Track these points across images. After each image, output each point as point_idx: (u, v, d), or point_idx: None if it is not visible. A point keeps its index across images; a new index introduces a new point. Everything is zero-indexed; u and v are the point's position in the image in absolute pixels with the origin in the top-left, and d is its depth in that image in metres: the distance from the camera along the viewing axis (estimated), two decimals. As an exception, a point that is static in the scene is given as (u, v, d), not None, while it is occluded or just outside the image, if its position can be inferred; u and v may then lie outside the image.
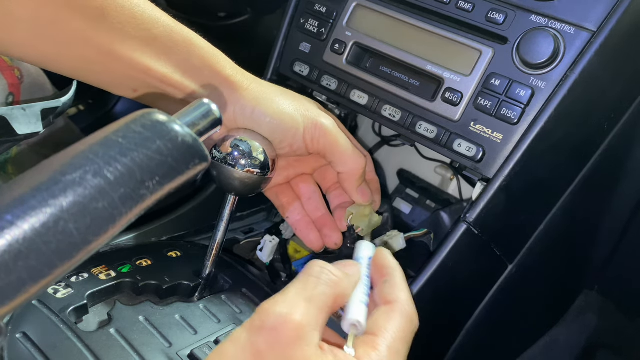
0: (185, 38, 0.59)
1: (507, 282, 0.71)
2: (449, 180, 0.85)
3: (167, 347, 0.55)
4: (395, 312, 0.45)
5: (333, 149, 0.63)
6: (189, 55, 0.59)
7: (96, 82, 0.60)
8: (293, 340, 0.39)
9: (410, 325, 0.45)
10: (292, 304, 0.40)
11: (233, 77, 0.61)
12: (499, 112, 0.62)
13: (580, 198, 0.71)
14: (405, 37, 0.69)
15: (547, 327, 0.95)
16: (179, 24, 0.60)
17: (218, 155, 0.60)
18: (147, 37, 0.57)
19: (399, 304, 0.45)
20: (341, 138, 0.64)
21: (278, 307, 0.40)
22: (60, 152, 0.35)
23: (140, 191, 0.35)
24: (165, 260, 0.67)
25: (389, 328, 0.44)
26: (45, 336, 0.53)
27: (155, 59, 0.57)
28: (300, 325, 0.39)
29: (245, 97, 0.61)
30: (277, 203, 0.71)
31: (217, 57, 0.61)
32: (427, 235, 0.76)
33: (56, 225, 0.31)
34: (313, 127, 0.62)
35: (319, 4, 0.75)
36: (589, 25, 0.60)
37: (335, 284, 0.43)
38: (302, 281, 0.43)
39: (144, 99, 0.61)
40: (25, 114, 0.66)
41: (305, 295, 0.41)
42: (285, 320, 0.39)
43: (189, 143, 0.37)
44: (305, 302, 0.41)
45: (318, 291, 0.42)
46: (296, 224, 0.70)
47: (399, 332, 0.44)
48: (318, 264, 0.44)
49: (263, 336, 0.39)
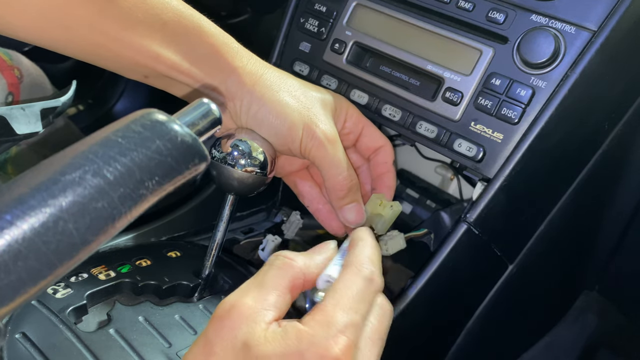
0: (195, 24, 0.58)
1: (507, 282, 0.71)
2: (449, 180, 0.85)
3: (166, 347, 0.55)
4: (346, 272, 0.44)
5: (321, 162, 0.62)
6: (198, 42, 0.58)
7: (107, 67, 0.60)
8: (239, 321, 0.39)
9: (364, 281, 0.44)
10: (243, 290, 0.42)
11: (243, 68, 0.60)
12: (499, 112, 0.62)
13: (581, 198, 0.71)
14: (405, 37, 0.69)
15: (547, 327, 0.95)
16: (189, 9, 0.59)
17: (217, 155, 0.60)
18: (156, 22, 0.56)
19: (351, 264, 0.45)
20: (332, 150, 0.61)
21: (231, 296, 0.41)
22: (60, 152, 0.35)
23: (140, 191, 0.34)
24: (165, 261, 0.67)
25: (338, 287, 0.43)
26: (45, 336, 0.52)
27: (164, 46, 0.57)
28: (249, 307, 0.40)
29: (253, 93, 0.60)
30: (296, 191, 0.70)
31: (228, 45, 0.60)
32: (427, 235, 0.76)
33: (55, 225, 0.31)
34: (309, 137, 0.60)
35: (319, 4, 0.75)
36: (590, 24, 0.60)
37: (290, 265, 0.44)
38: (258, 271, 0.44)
39: (156, 84, 0.61)
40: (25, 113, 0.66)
41: (257, 281, 0.43)
42: (232, 306, 0.40)
43: (189, 143, 0.37)
44: (256, 286, 0.42)
45: (269, 275, 0.43)
46: (317, 212, 0.70)
47: (348, 289, 0.43)
48: (274, 255, 0.45)
49: (211, 326, 0.40)
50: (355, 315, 0.41)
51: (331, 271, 0.45)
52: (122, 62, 0.58)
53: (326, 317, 0.40)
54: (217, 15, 0.64)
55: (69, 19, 0.54)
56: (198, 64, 0.59)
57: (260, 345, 0.38)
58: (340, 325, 0.40)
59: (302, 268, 0.44)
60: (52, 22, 0.54)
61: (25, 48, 0.91)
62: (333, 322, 0.40)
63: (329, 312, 0.41)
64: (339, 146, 0.62)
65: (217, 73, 0.60)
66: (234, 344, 0.39)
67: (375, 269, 0.45)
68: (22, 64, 0.82)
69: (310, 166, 0.70)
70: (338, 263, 0.46)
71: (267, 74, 0.62)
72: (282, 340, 0.39)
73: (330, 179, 0.63)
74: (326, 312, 0.41)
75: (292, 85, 0.62)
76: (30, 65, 0.84)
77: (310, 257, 0.46)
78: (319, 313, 0.41)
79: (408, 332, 0.64)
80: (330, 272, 0.45)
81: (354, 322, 0.41)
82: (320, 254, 0.47)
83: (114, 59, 0.58)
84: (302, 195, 0.70)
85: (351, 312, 0.41)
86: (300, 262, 0.44)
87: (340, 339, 0.39)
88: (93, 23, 0.54)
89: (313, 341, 0.39)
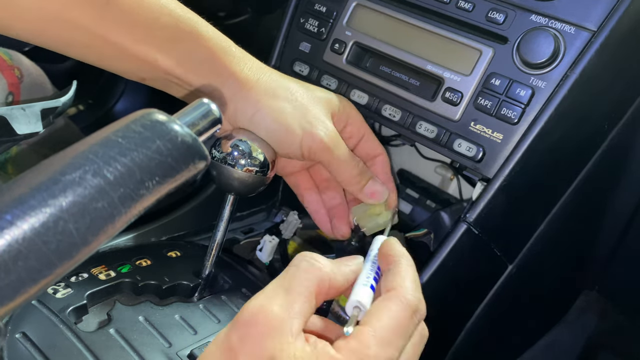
0: (193, 28, 0.58)
1: (507, 282, 0.71)
2: (449, 180, 0.85)
3: (166, 347, 0.55)
4: (390, 300, 0.41)
5: (329, 163, 0.62)
6: (195, 47, 0.58)
7: (107, 68, 0.60)
8: (266, 331, 0.37)
9: (409, 313, 0.41)
10: (270, 296, 0.39)
11: (239, 72, 0.60)
12: (499, 112, 0.62)
13: (581, 198, 0.71)
14: (405, 37, 0.69)
15: (547, 327, 0.95)
16: (188, 12, 0.58)
17: (218, 155, 0.60)
18: (154, 26, 0.56)
19: (396, 291, 0.42)
20: (336, 152, 0.62)
21: (256, 300, 0.39)
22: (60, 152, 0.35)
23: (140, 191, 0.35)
24: (165, 260, 0.67)
25: (381, 316, 0.40)
26: (45, 336, 0.53)
27: (161, 50, 0.57)
28: (276, 315, 0.38)
29: (249, 98, 0.60)
30: (296, 191, 0.71)
31: (225, 49, 0.60)
32: (427, 235, 0.76)
33: (56, 225, 0.31)
34: (311, 140, 0.60)
35: (319, 4, 0.75)
36: (589, 25, 0.60)
37: (317, 268, 0.41)
38: (282, 273, 0.42)
39: (155, 85, 0.61)
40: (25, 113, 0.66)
41: (284, 285, 0.40)
42: (259, 312, 0.38)
43: (189, 143, 0.37)
44: (284, 291, 0.39)
45: (297, 279, 0.40)
46: (315, 214, 0.70)
47: (391, 320, 0.40)
48: (301, 255, 0.42)
49: (235, 331, 0.38)
50: (395, 353, 0.39)
51: (361, 297, 0.42)
52: (120, 65, 0.59)
53: (362, 349, 0.38)
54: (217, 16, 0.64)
55: (67, 22, 0.54)
56: (194, 69, 0.59)
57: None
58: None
59: (330, 274, 0.42)
60: (50, 25, 0.54)
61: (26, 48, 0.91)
62: (369, 354, 0.38)
63: (366, 343, 0.38)
64: (341, 144, 0.63)
65: (213, 78, 0.60)
66: (260, 356, 0.36)
67: (421, 295, 0.43)
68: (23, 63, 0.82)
69: (310, 167, 0.70)
70: (367, 284, 0.43)
71: (264, 78, 0.61)
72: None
73: (340, 176, 0.64)
74: (363, 342, 0.38)
75: (289, 89, 0.62)
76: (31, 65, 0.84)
77: (338, 265, 0.44)
78: (355, 341, 0.38)
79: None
80: (359, 297, 0.42)
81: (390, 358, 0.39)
82: (347, 265, 0.44)
83: (112, 61, 0.58)
84: (302, 196, 0.71)
85: (390, 349, 0.39)
86: (327, 268, 0.42)
87: None
88: (91, 27, 0.54)
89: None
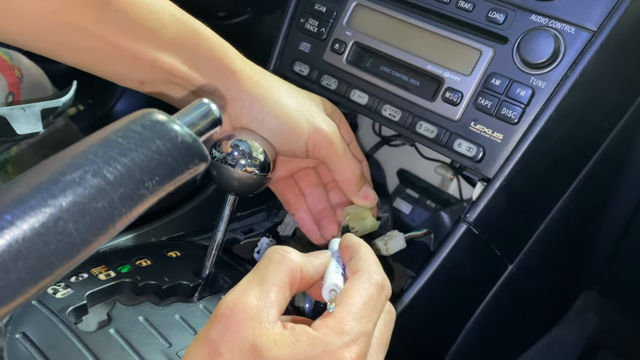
0: (192, 28, 0.58)
1: (507, 282, 0.71)
2: (449, 180, 0.85)
3: (166, 347, 0.55)
4: (359, 279, 0.43)
5: (333, 159, 0.63)
6: (196, 46, 0.58)
7: (102, 73, 0.59)
8: (244, 321, 0.38)
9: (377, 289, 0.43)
10: (245, 288, 0.41)
11: (241, 70, 0.61)
12: (499, 112, 0.62)
13: (581, 198, 0.71)
14: (405, 37, 0.69)
15: (547, 327, 0.95)
16: (185, 14, 0.59)
17: (218, 155, 0.60)
18: (154, 26, 0.56)
19: (363, 272, 0.44)
20: (340, 147, 0.63)
21: (232, 294, 0.40)
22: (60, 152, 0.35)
23: (140, 191, 0.34)
24: (165, 261, 0.67)
25: (353, 294, 0.42)
26: (45, 336, 0.53)
27: (162, 50, 0.57)
28: (252, 305, 0.39)
29: (253, 94, 0.60)
30: (282, 198, 0.71)
31: (225, 49, 0.60)
32: (427, 235, 0.76)
33: (56, 225, 0.31)
34: (317, 135, 0.61)
35: (319, 4, 0.75)
36: (590, 25, 0.60)
37: (289, 260, 0.43)
38: (255, 266, 0.43)
39: (152, 90, 0.61)
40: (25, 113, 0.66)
41: (258, 278, 0.42)
42: (235, 304, 0.39)
43: (189, 143, 0.37)
44: (258, 283, 0.41)
45: (270, 270, 0.42)
46: (301, 221, 0.71)
47: (362, 296, 0.42)
48: (272, 248, 0.44)
49: (215, 326, 0.39)
50: (368, 324, 0.41)
51: (336, 280, 0.45)
52: (119, 68, 0.58)
53: (339, 324, 0.40)
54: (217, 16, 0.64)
55: (65, 24, 0.53)
56: (197, 67, 0.59)
57: (270, 349, 0.38)
58: (353, 334, 0.39)
59: (301, 264, 0.44)
60: (47, 28, 0.53)
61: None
62: (346, 329, 0.39)
63: (342, 319, 0.40)
64: (343, 141, 0.64)
65: (216, 76, 0.60)
66: (241, 346, 0.38)
67: (385, 274, 0.45)
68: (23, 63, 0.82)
69: (295, 174, 0.70)
70: (338, 271, 0.46)
71: (264, 77, 0.62)
72: (294, 345, 0.38)
73: (342, 174, 0.64)
74: (339, 318, 0.40)
75: (289, 88, 0.64)
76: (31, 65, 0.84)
77: (308, 258, 0.46)
78: (331, 319, 0.40)
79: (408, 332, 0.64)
80: (335, 280, 0.45)
81: (366, 330, 0.41)
82: (317, 258, 0.47)
83: (110, 64, 0.57)
84: (288, 203, 0.71)
85: (364, 321, 0.41)
86: (298, 259, 0.44)
87: (353, 347, 0.39)
88: (90, 27, 0.54)
89: (326, 348, 0.38)
